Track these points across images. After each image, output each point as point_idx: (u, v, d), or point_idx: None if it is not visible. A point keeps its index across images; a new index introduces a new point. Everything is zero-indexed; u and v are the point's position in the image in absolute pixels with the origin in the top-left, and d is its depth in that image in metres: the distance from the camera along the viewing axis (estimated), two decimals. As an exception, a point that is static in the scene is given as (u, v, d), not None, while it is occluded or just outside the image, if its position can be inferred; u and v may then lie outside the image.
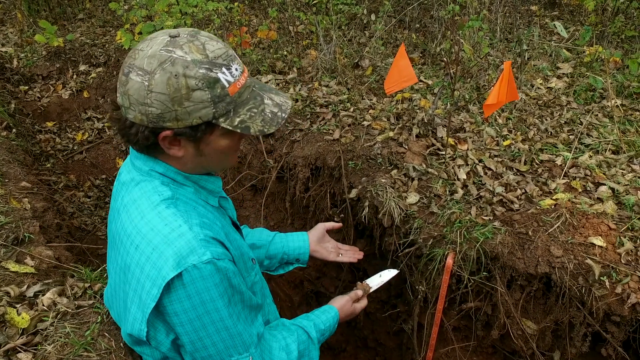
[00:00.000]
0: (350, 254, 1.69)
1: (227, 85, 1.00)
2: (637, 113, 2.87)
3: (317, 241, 1.64)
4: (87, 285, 1.73)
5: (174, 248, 1.01)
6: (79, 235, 3.45)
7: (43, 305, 1.59)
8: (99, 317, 1.56)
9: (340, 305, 1.50)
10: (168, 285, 1.00)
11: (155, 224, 1.04)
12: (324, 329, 1.41)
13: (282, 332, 1.31)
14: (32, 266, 1.82)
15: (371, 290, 1.62)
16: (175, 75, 0.95)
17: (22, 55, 4.67)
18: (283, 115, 1.09)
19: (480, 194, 2.12)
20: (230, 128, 1.03)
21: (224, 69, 1.00)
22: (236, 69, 1.03)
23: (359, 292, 1.58)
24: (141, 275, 1.04)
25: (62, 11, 5.45)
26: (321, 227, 1.68)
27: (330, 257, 1.66)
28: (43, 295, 1.64)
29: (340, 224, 1.74)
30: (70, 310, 1.58)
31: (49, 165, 3.97)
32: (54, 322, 1.51)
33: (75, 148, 4.20)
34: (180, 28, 1.03)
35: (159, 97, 0.96)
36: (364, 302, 1.57)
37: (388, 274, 1.66)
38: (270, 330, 1.30)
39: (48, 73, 4.57)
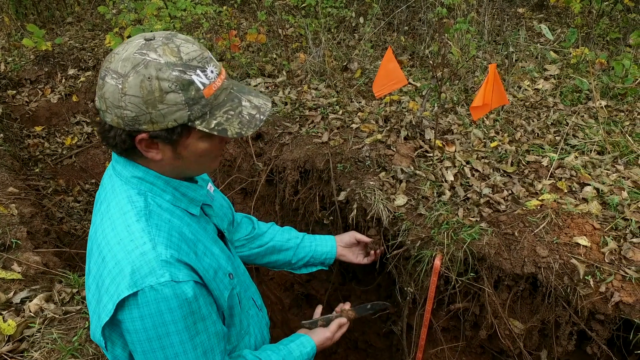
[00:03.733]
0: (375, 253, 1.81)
1: (201, 87, 0.99)
2: (622, 114, 2.91)
3: (345, 246, 1.74)
4: (74, 290, 1.73)
5: (133, 266, 0.99)
6: (68, 240, 3.43)
7: (30, 311, 1.58)
8: (87, 322, 1.56)
9: (320, 341, 1.49)
10: (122, 302, 0.99)
11: (122, 238, 1.03)
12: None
13: None
14: (19, 272, 1.81)
15: (355, 317, 1.65)
16: (149, 78, 0.95)
17: (10, 59, 4.64)
18: (261, 117, 1.08)
19: (468, 195, 2.14)
20: (207, 131, 1.02)
21: (198, 71, 0.99)
22: (212, 71, 1.02)
23: (343, 320, 1.59)
24: (102, 288, 1.03)
25: (51, 15, 5.42)
26: (353, 234, 1.77)
27: (356, 259, 1.77)
28: (30, 301, 1.63)
29: (370, 240, 1.82)
30: (57, 316, 1.58)
31: (37, 170, 3.95)
32: (41, 328, 1.50)
33: (64, 152, 4.18)
34: (158, 32, 1.04)
35: (133, 99, 0.96)
36: (344, 329, 1.58)
37: (377, 307, 1.72)
38: None
39: (36, 77, 4.54)
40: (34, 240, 2.23)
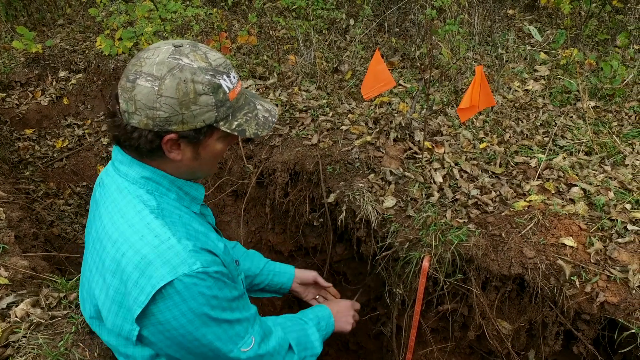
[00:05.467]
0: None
1: (227, 91, 1.09)
2: (610, 114, 2.93)
3: (300, 283, 1.76)
4: (62, 295, 1.72)
5: (163, 258, 1.05)
6: (58, 244, 3.41)
7: (16, 316, 1.57)
8: (73, 327, 1.55)
9: (336, 309, 1.60)
10: (159, 292, 1.04)
11: (144, 234, 1.08)
12: (318, 316, 1.52)
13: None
14: (6, 277, 1.80)
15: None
16: (184, 81, 1.02)
17: (0, 61, 4.61)
18: (273, 119, 1.20)
19: (456, 197, 2.15)
20: (229, 131, 1.11)
21: (224, 76, 1.08)
22: (234, 77, 1.12)
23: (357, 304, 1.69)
24: (128, 282, 1.06)
25: (41, 17, 5.39)
26: (314, 276, 1.77)
27: (305, 298, 1.80)
28: (16, 306, 1.62)
29: (330, 286, 1.82)
30: (44, 321, 1.57)
31: (27, 173, 3.92)
32: (27, 333, 1.49)
33: (55, 155, 4.16)
34: (182, 40, 1.12)
35: (168, 101, 1.03)
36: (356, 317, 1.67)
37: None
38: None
39: (26, 80, 4.52)
40: (22, 244, 2.21)
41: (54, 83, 4.51)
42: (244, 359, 1.19)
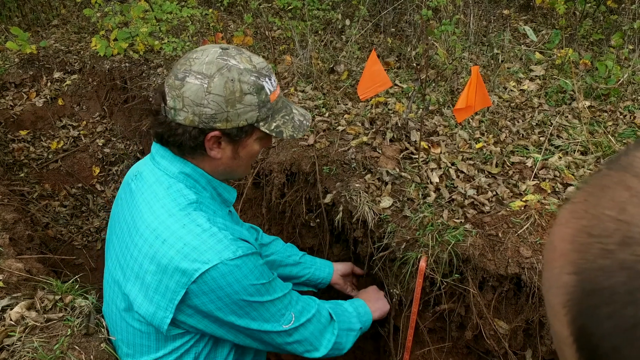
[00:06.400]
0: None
1: (269, 92, 1.15)
2: (605, 114, 2.95)
3: (341, 275, 1.89)
4: (57, 297, 1.71)
5: (207, 244, 1.11)
6: (54, 246, 3.39)
7: (11, 320, 1.56)
8: (69, 330, 1.54)
9: (367, 298, 1.78)
10: (204, 274, 1.09)
11: (186, 223, 1.13)
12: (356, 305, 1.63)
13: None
14: (0, 280, 1.79)
15: None
16: (232, 80, 1.08)
17: (-6, 63, 4.59)
18: (307, 123, 1.27)
19: (452, 197, 2.15)
20: (267, 132, 1.17)
21: (267, 79, 1.15)
22: (274, 81, 1.19)
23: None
24: (169, 266, 1.11)
25: (36, 17, 5.37)
26: (350, 266, 1.95)
27: (346, 290, 1.93)
28: (11, 309, 1.61)
29: (362, 272, 1.97)
30: (39, 324, 1.56)
31: (22, 175, 3.90)
32: (22, 337, 1.48)
33: (50, 157, 4.14)
34: (227, 44, 1.19)
35: (216, 98, 1.08)
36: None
37: None
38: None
39: (21, 81, 4.49)
40: (16, 246, 2.20)
41: (49, 84, 4.49)
42: (286, 330, 1.26)
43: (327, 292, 2.11)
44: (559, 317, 0.36)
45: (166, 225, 1.13)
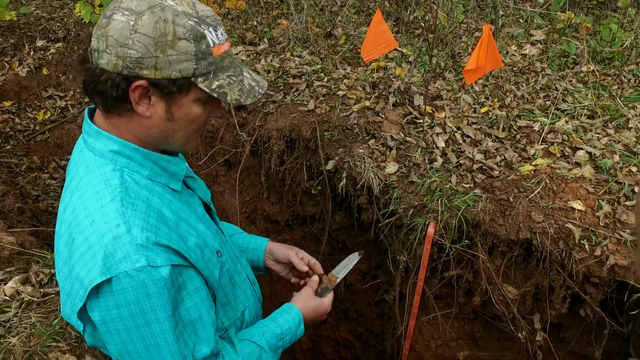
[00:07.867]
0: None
1: (212, 44, 0.96)
2: (609, 78, 2.88)
3: (276, 261, 1.48)
4: (53, 271, 1.64)
5: (106, 250, 0.92)
6: (45, 219, 3.29)
7: (5, 295, 1.49)
8: (68, 303, 1.47)
9: (302, 301, 1.35)
10: (96, 289, 0.92)
11: (95, 219, 0.95)
12: (282, 332, 1.27)
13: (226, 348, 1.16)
14: (-8, 253, 1.71)
15: (339, 280, 1.48)
16: (164, 20, 0.92)
17: (-28, 30, 4.37)
18: (260, 90, 1.04)
19: (460, 161, 2.09)
20: (208, 90, 0.97)
21: (211, 29, 0.97)
22: (221, 34, 0.99)
23: (315, 279, 1.41)
24: (73, 272, 0.96)
25: (14, -18, 5.10)
26: (287, 255, 1.46)
27: (288, 277, 1.52)
28: (5, 284, 1.54)
29: (306, 269, 1.49)
30: (35, 299, 1.49)
31: (9, 147, 3.76)
32: (18, 312, 1.41)
33: (37, 128, 3.98)
34: None
35: (143, 38, 0.91)
36: (331, 295, 1.41)
37: (353, 259, 1.55)
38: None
39: (2, 49, 4.29)
40: (7, 219, 2.11)
41: (32, 53, 4.29)
42: None
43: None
44: None
45: (78, 221, 0.97)
